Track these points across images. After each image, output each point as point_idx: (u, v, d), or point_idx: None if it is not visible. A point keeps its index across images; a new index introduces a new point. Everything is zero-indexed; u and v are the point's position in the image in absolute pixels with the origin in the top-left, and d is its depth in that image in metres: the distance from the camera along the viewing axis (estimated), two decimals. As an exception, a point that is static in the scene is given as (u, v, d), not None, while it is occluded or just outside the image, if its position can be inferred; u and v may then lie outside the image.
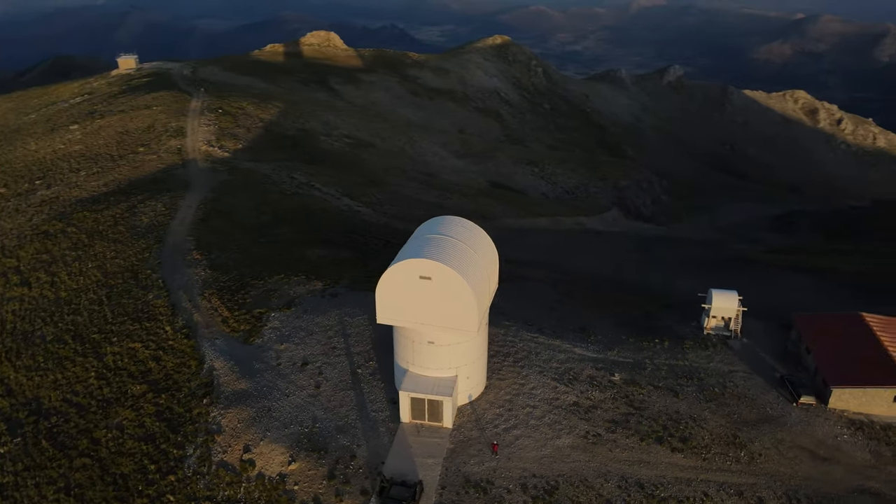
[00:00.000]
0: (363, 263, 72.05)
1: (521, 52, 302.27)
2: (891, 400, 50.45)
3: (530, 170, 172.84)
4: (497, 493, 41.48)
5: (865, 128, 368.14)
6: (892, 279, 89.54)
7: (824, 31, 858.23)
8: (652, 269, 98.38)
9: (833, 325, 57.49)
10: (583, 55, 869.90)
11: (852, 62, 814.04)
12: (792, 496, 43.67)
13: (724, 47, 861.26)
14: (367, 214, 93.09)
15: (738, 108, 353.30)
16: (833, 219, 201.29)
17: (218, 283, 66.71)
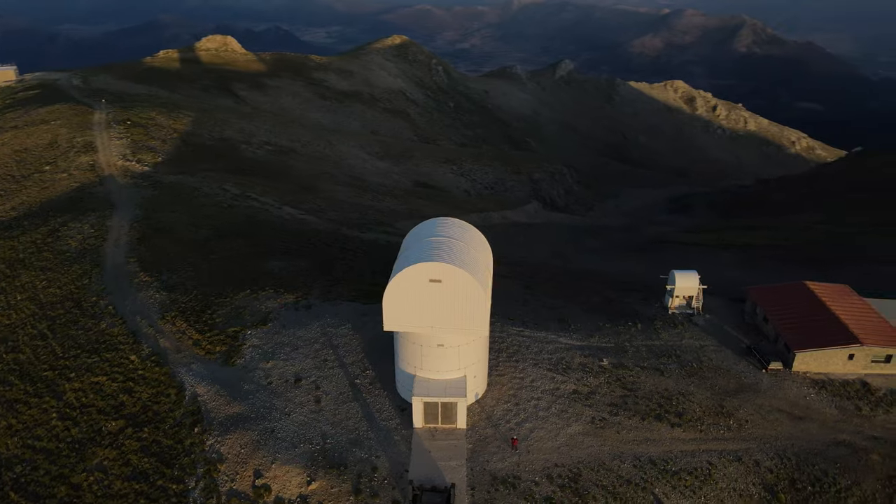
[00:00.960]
0: (327, 272, 70.49)
1: (420, 52, 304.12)
2: (845, 358, 55.72)
3: (449, 168, 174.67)
4: (526, 486, 42.28)
5: (737, 112, 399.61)
6: (803, 250, 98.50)
7: (689, 24, 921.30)
8: (589, 256, 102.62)
9: (783, 294, 62.68)
10: (471, 53, 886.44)
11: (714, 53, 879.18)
12: (782, 455, 47.41)
13: (602, 41, 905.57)
14: (313, 222, 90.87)
15: (625, 99, 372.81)
16: (724, 198, 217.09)
17: (179, 305, 63.12)
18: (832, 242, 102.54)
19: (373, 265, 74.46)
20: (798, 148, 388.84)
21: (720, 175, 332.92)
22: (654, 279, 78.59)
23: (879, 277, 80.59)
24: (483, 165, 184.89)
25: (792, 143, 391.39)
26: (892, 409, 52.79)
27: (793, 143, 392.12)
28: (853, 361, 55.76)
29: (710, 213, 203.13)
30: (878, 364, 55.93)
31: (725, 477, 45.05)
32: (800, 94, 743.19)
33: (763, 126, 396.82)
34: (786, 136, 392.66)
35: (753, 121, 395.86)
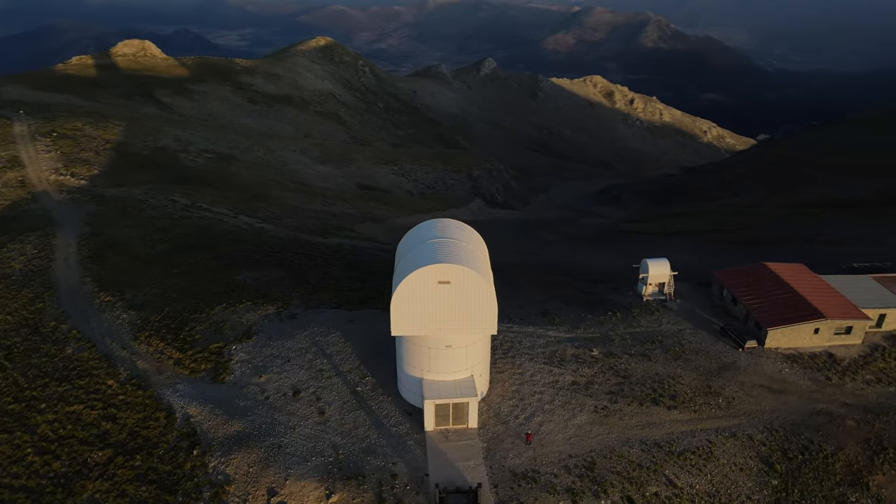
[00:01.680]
0: (303, 280, 68.97)
1: (346, 53, 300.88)
2: (812, 332, 59.54)
3: (390, 169, 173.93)
4: (546, 479, 43.00)
5: (653, 105, 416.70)
6: (744, 232, 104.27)
7: (598, 21, 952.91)
8: (548, 249, 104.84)
9: (747, 276, 66.28)
10: (389, 53, 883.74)
11: (624, 48, 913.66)
12: (770, 428, 50.26)
13: (517, 39, 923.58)
14: (272, 230, 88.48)
15: (549, 94, 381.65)
16: (653, 187, 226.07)
17: (152, 324, 60.18)
18: (765, 224, 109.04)
19: (347, 271, 73.42)
20: (709, 137, 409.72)
21: (642, 165, 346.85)
22: (618, 268, 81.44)
23: (814, 255, 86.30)
24: (423, 165, 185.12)
25: (704, 132, 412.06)
26: (857, 376, 56.87)
27: (704, 132, 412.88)
28: (818, 335, 59.67)
29: (641, 201, 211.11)
30: (839, 336, 60.09)
31: (725, 453, 47.34)
32: (704, 86, 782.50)
33: (677, 117, 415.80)
34: (698, 126, 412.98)
35: (668, 112, 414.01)
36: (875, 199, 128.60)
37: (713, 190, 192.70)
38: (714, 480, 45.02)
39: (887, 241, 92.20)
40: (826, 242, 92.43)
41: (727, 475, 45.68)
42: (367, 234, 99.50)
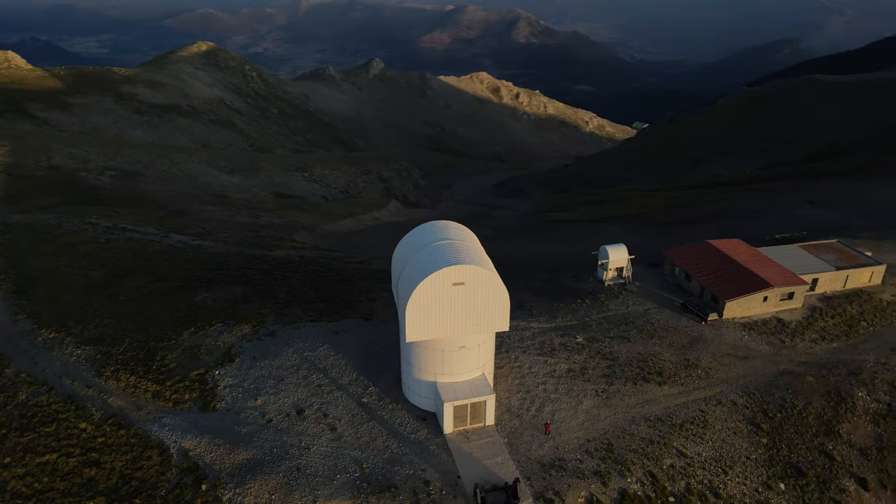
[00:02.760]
0: (269, 296, 66.23)
1: (231, 58, 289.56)
2: (761, 301, 64.98)
3: (300, 175, 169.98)
4: (573, 466, 44.34)
5: (537, 98, 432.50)
6: (666, 213, 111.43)
7: (472, 19, 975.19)
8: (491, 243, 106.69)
9: (696, 254, 71.14)
10: (265, 57, 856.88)
11: (498, 45, 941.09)
12: (748, 392, 54.50)
13: (393, 39, 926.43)
14: (212, 247, 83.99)
15: (438, 92, 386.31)
16: (553, 177, 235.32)
17: (115, 358, 55.65)
18: (683, 205, 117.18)
19: (309, 283, 71.28)
20: (591, 127, 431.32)
21: (532, 156, 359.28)
22: (568, 257, 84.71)
23: (736, 230, 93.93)
24: (333, 170, 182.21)
25: (585, 122, 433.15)
26: (805, 337, 62.80)
27: (586, 122, 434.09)
28: (767, 302, 65.23)
29: (545, 191, 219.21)
30: (784, 301, 66.01)
31: (718, 420, 50.86)
32: (575, 79, 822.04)
33: (560, 109, 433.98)
34: (580, 117, 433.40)
35: (552, 105, 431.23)
36: (762, 176, 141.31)
37: (611, 176, 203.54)
38: (716, 446, 48.31)
39: (790, 212, 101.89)
40: (741, 217, 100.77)
41: (725, 440, 49.14)
42: (305, 243, 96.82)
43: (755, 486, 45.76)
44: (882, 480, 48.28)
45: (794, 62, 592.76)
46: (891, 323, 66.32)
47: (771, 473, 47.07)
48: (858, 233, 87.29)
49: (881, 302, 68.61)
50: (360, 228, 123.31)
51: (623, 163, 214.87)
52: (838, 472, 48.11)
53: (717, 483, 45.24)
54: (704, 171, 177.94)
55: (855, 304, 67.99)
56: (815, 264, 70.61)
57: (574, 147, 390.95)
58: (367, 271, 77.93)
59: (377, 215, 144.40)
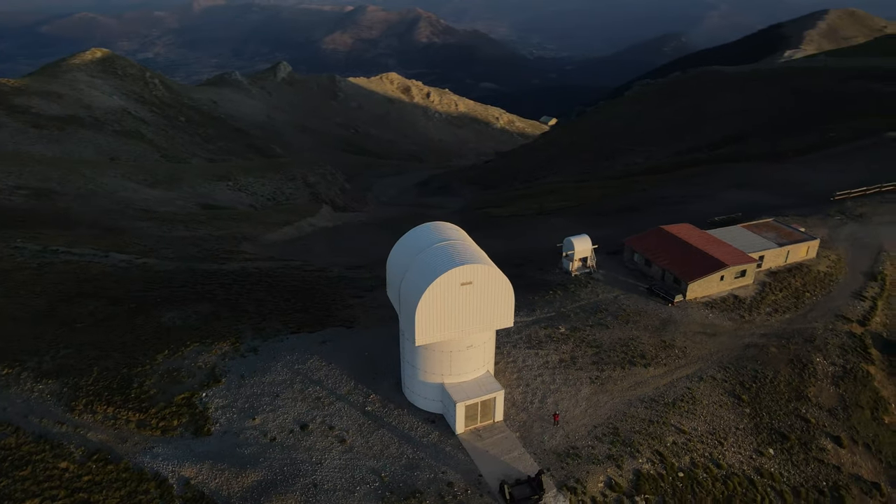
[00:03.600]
0: (240, 311, 63.59)
1: (130, 65, 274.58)
2: (718, 280, 68.95)
3: (225, 185, 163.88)
4: (587, 452, 45.54)
5: (448, 97, 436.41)
6: (603, 204, 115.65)
7: (373, 19, 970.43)
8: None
9: (652, 240, 74.48)
10: (156, 63, 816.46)
11: (401, 44, 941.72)
12: (723, 366, 57.83)
13: (294, 41, 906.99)
14: (159, 265, 79.48)
15: (349, 94, 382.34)
16: (477, 174, 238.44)
17: (85, 389, 51.81)
18: (618, 194, 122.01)
19: (276, 294, 69.01)
20: (502, 123, 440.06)
21: (448, 154, 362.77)
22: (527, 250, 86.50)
23: (676, 215, 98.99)
24: (257, 177, 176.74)
25: (496, 118, 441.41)
26: (760, 310, 67.23)
27: (497, 118, 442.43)
28: (723, 281, 69.31)
29: (471, 188, 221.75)
30: (738, 279, 70.35)
31: (704, 395, 53.68)
32: (479, 76, 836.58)
33: (471, 107, 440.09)
34: (490, 114, 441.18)
35: (462, 103, 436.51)
36: (681, 162, 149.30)
37: (534, 170, 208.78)
38: (708, 420, 51.00)
39: (716, 196, 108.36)
40: (675, 203, 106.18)
41: (714, 413, 51.96)
42: (253, 254, 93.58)
43: (749, 454, 48.68)
44: (853, 437, 52.55)
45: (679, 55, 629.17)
46: (829, 292, 72.12)
47: (759, 440, 50.22)
48: (782, 211, 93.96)
49: (819, 273, 74.45)
50: (300, 236, 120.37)
51: (543, 156, 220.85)
52: (815, 433, 51.95)
53: (717, 454, 47.81)
54: (621, 160, 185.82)
55: (797, 277, 73.43)
56: (759, 243, 75.62)
57: (487, 143, 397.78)
58: (330, 279, 76.38)
59: (312, 221, 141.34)
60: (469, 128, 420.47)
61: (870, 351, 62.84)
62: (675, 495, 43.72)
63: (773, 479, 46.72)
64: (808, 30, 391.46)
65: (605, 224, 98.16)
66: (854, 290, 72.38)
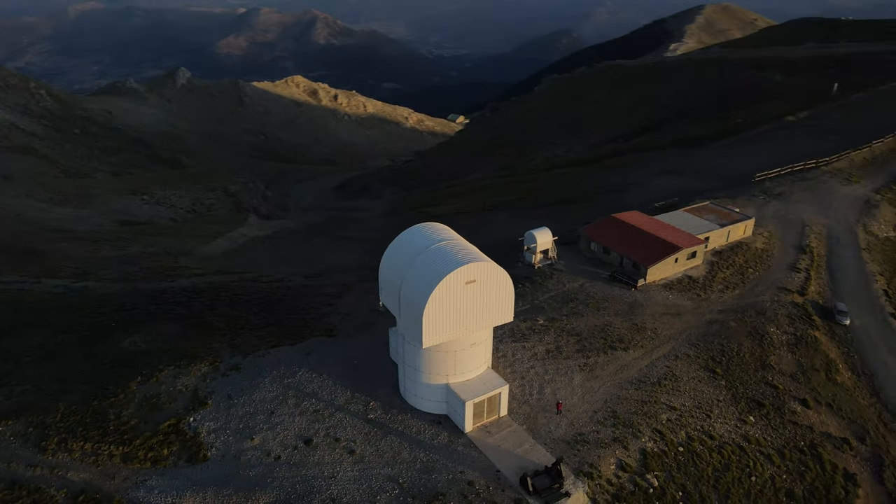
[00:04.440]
0: (209, 328, 60.53)
1: (10, 76, 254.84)
2: (673, 263, 72.46)
3: (139, 199, 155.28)
4: (594, 437, 46.81)
5: (355, 98, 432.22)
6: (543, 196, 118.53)
7: (267, 22, 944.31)
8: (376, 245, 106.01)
9: (607, 228, 77.20)
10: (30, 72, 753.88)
11: (299, 47, 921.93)
12: (692, 343, 60.95)
13: (184, 45, 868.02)
14: (99, 287, 74.20)
15: (254, 99, 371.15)
16: (397, 174, 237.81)
17: (55, 427, 47.79)
18: (552, 187, 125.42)
19: (241, 308, 66.23)
20: (411, 122, 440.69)
21: (361, 156, 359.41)
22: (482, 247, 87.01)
23: (614, 203, 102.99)
24: (174, 189, 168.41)
25: (405, 118, 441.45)
26: (713, 289, 71.27)
27: (406, 118, 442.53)
28: (677, 264, 72.93)
29: (393, 189, 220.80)
30: (690, 261, 74.23)
31: (683, 373, 56.38)
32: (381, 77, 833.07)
33: (379, 108, 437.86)
34: (399, 114, 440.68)
35: (371, 104, 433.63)
36: (601, 153, 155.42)
37: (457, 168, 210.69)
38: (692, 395, 53.64)
39: (648, 183, 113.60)
40: (612, 192, 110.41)
41: (696, 388, 54.70)
42: (193, 269, 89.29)
43: (734, 423, 51.64)
44: (816, 398, 56.80)
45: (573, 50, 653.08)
46: (769, 267, 77.46)
47: (739, 410, 53.36)
48: (711, 194, 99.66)
49: (757, 250, 79.78)
50: (235, 247, 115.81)
51: (464, 154, 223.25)
52: (784, 398, 55.78)
53: (707, 427, 50.42)
54: (541, 154, 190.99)
55: (739, 255, 78.35)
56: (702, 225, 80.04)
57: (399, 144, 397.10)
58: (293, 289, 74.15)
59: (244, 232, 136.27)
60: (379, 129, 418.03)
61: (813, 318, 68.09)
62: (679, 469, 45.78)
63: (759, 444, 49.81)
64: (688, 24, 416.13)
65: (548, 216, 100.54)
66: (789, 263, 78.12)
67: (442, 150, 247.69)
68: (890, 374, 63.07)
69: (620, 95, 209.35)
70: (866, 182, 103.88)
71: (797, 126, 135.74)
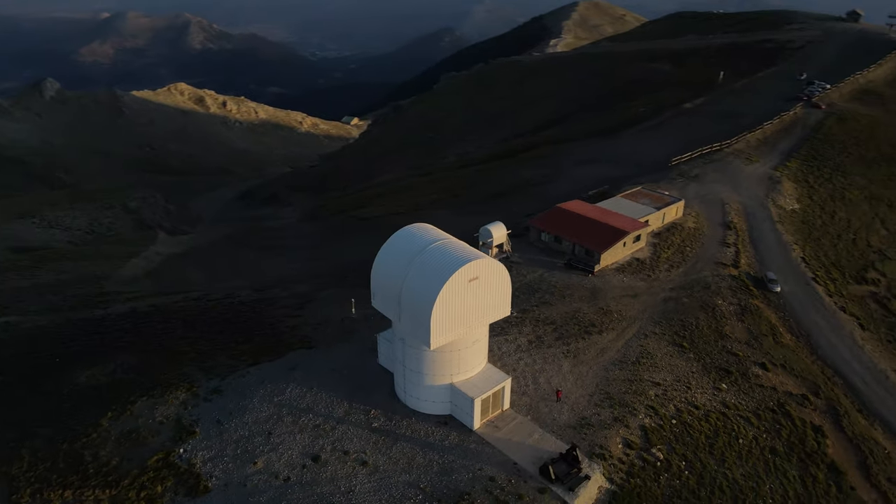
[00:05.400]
0: (174, 353, 56.52)
1: None
2: (622, 247, 75.68)
3: (30, 222, 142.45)
4: (595, 419, 48.15)
5: (245, 104, 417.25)
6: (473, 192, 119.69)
7: (136, 27, 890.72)
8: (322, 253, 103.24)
9: (556, 218, 79.40)
10: None
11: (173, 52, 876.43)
12: (655, 321, 64.06)
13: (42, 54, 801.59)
14: (24, 321, 66.97)
15: (136, 110, 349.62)
16: (303, 179, 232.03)
17: (24, 478, 43.16)
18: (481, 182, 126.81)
19: (201, 329, 62.42)
20: (306, 126, 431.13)
21: (258, 164, 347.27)
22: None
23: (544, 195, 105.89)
24: (66, 210, 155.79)
25: (299, 123, 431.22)
26: (660, 268, 75.16)
27: (300, 122, 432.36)
28: (625, 247, 76.29)
29: (303, 194, 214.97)
30: (635, 244, 77.83)
31: (656, 350, 59.15)
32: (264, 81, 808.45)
33: (271, 113, 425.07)
34: (293, 118, 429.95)
35: (262, 109, 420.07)
36: (515, 147, 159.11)
37: (367, 169, 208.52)
38: (670, 370, 56.41)
39: (571, 173, 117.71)
40: (540, 184, 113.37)
41: (670, 363, 57.57)
42: (140, 291, 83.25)
43: (711, 392, 54.82)
44: (772, 361, 61.32)
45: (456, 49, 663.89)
46: (702, 244, 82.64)
47: (712, 379, 56.71)
48: (634, 180, 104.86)
49: (690, 230, 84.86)
50: (155, 267, 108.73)
51: (373, 155, 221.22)
52: (746, 364, 59.85)
53: (690, 398, 53.23)
54: (452, 151, 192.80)
55: (676, 235, 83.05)
56: (640, 209, 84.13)
57: (295, 149, 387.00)
58: (248, 304, 70.70)
59: (158, 249, 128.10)
60: (273, 134, 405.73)
61: (751, 289, 73.43)
62: (678, 440, 48.08)
63: (737, 409, 53.22)
64: (564, 21, 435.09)
65: (489, 211, 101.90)
66: (719, 240, 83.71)
67: (349, 153, 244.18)
68: (822, 333, 69.20)
69: (522, 91, 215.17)
70: (764, 161, 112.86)
71: (694, 112, 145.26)
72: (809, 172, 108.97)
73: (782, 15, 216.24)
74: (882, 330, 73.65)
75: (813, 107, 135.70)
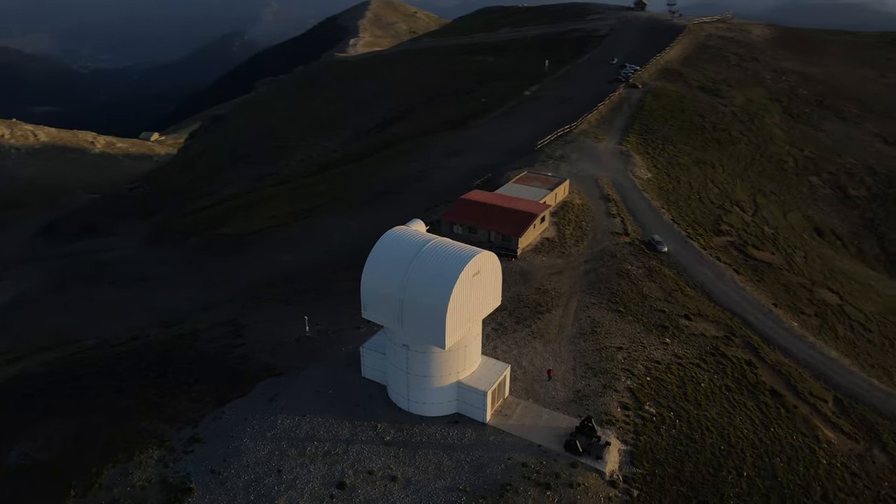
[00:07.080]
0: (119, 411, 49.00)
1: None
2: (532, 229, 79.22)
3: None
4: (587, 389, 50.51)
5: (20, 127, 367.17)
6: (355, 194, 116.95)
7: None
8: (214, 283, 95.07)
9: (467, 209, 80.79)
10: None
11: None
12: (588, 293, 68.24)
13: None
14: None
15: None
16: (126, 204, 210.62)
17: (-7, 589, 35.46)
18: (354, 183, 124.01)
19: (134, 377, 54.78)
20: (100, 146, 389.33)
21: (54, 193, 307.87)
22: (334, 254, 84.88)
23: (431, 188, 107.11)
24: None
25: (91, 143, 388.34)
26: (568, 245, 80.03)
27: (91, 143, 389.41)
28: (535, 229, 80.00)
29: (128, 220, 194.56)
30: (541, 225, 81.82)
31: (603, 318, 63.14)
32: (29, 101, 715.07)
33: (54, 135, 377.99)
34: (82, 139, 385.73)
35: (42, 132, 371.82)
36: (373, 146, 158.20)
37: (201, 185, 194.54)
38: (622, 334, 60.57)
39: (446, 165, 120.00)
40: (419, 179, 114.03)
41: (619, 328, 61.82)
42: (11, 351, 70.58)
43: (662, 348, 59.84)
44: (690, 312, 68.33)
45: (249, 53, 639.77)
46: (593, 218, 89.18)
47: (656, 336, 61.87)
48: (508, 166, 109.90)
49: (579, 206, 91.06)
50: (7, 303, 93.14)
51: (202, 169, 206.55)
52: (673, 318, 66.06)
53: (650, 355, 57.74)
54: (297, 156, 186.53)
55: (570, 212, 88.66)
56: (536, 192, 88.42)
57: (92, 172, 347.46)
58: (168, 342, 63.25)
59: None
60: (61, 159, 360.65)
61: (646, 252, 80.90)
62: (659, 395, 52.03)
63: (687, 358, 58.75)
64: (359, 20, 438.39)
65: (378, 211, 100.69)
66: (604, 212, 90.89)
67: (174, 170, 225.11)
68: (712, 282, 78.25)
69: (355, 90, 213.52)
70: (609, 138, 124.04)
71: (534, 99, 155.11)
72: (648, 145, 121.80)
73: (582, 7, 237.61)
74: (748, 272, 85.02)
75: (631, 87, 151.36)
